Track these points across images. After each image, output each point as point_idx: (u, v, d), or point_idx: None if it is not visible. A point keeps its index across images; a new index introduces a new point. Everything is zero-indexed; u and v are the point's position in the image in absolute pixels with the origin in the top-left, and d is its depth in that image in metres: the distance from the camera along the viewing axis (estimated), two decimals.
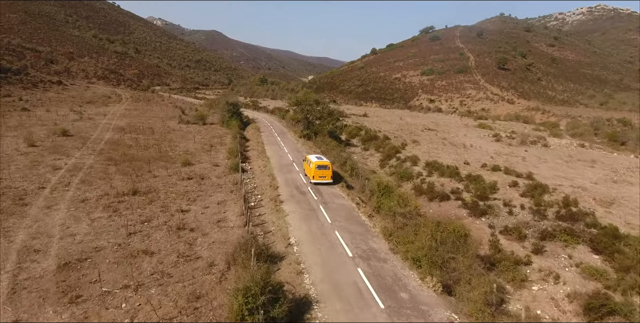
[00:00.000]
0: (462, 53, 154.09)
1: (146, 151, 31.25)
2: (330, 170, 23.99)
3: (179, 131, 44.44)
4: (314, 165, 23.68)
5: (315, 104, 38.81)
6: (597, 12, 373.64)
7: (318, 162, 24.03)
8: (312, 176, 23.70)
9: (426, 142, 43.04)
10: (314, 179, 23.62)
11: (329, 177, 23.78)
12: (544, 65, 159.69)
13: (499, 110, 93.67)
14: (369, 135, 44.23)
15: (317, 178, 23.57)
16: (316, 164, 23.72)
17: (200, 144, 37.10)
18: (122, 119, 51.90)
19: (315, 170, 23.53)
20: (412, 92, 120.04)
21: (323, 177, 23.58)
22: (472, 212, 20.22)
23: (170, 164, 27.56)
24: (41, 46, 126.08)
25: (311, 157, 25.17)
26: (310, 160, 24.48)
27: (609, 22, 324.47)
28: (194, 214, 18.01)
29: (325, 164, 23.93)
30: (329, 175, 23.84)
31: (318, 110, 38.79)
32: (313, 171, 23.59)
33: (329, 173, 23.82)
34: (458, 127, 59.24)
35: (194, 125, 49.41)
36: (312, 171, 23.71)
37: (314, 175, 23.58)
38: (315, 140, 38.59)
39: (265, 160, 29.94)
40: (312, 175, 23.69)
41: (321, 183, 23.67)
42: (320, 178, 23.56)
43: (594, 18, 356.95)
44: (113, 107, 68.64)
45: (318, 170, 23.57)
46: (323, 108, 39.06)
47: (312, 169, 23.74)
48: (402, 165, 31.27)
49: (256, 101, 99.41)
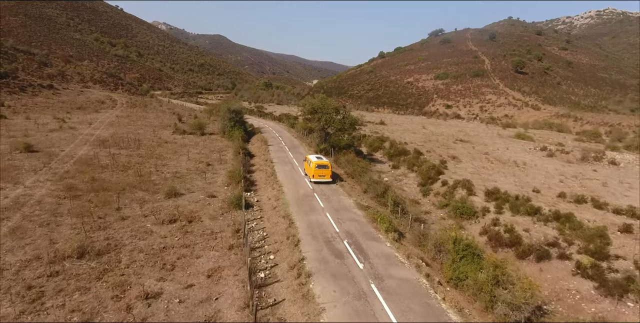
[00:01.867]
0: (476, 56, 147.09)
1: (123, 174, 24.35)
2: (330, 169, 24.89)
3: (171, 143, 37.63)
4: (314, 165, 24.59)
5: (334, 113, 31.85)
6: (606, 15, 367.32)
7: (318, 161, 24.91)
8: (312, 175, 24.66)
9: (466, 157, 35.84)
10: (314, 178, 24.55)
11: (328, 176, 24.80)
12: (561, 69, 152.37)
13: (524, 117, 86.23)
14: (397, 149, 37.11)
15: (316, 177, 24.57)
16: (316, 164, 24.62)
17: (194, 161, 30.20)
18: (108, 128, 45.26)
19: (315, 170, 24.47)
20: (426, 97, 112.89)
21: (322, 176, 24.65)
22: (602, 288, 12.93)
23: (151, 195, 20.60)
24: (38, 49, 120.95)
25: (311, 157, 26.09)
26: (311, 160, 25.42)
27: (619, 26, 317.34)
28: (166, 304, 10.89)
29: (324, 164, 24.83)
30: (329, 174, 24.80)
31: (339, 120, 31.79)
32: (313, 170, 24.55)
33: (328, 172, 24.77)
34: (491, 137, 51.98)
35: (191, 136, 42.64)
36: (312, 170, 24.67)
37: (313, 174, 24.54)
38: (337, 157, 31.52)
39: (276, 188, 22.77)
40: (312, 174, 24.64)
41: (321, 182, 24.63)
42: (320, 177, 24.61)
43: (602, 22, 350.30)
44: (104, 113, 62.20)
45: (318, 169, 24.48)
46: (345, 117, 32.13)
47: (312, 169, 24.68)
48: (454, 193, 24.06)
49: (261, 107, 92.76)
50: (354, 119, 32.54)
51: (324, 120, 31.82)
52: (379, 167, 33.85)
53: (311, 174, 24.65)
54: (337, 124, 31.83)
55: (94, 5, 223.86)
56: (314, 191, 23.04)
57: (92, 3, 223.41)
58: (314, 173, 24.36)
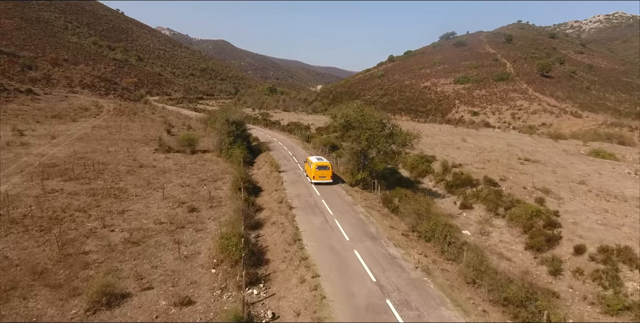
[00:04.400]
0: (496, 59, 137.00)
1: (39, 239, 14.13)
2: (330, 170, 24.67)
3: (148, 168, 27.51)
4: (315, 166, 24.47)
5: (380, 127, 21.45)
6: (616, 19, 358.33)
7: (318, 163, 24.76)
8: (313, 176, 24.46)
9: (561, 190, 25.35)
10: (315, 179, 24.34)
11: (328, 177, 24.54)
12: (584, 73, 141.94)
13: (565, 126, 75.69)
14: (459, 177, 26.68)
15: (317, 178, 24.34)
16: (317, 165, 24.50)
17: (172, 202, 20.03)
18: (73, 144, 35.31)
19: (315, 171, 24.32)
20: (447, 102, 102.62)
21: (323, 177, 24.45)
22: None
23: (60, 304, 10.30)
24: (26, 51, 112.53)
25: (312, 159, 25.88)
26: (311, 161, 25.30)
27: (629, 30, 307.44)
28: None
29: (325, 165, 24.71)
30: (329, 175, 24.58)
31: (384, 138, 21.23)
32: (314, 171, 24.38)
33: (328, 173, 24.58)
34: (557, 154, 41.47)
35: (178, 155, 32.55)
36: (312, 171, 24.51)
37: (314, 175, 24.37)
38: (386, 195, 21.10)
39: (307, 276, 11.72)
40: (313, 175, 24.45)
41: (321, 183, 24.31)
42: (321, 178, 24.38)
43: (612, 26, 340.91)
44: (83, 122, 52.47)
45: (318, 170, 24.34)
46: (394, 134, 21.70)
47: (312, 170, 24.52)
48: (617, 276, 13.59)
49: (266, 114, 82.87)
50: (407, 135, 22.05)
51: (364, 139, 21.36)
52: (440, 205, 23.48)
53: (311, 175, 24.66)
54: (383, 144, 21.44)
55: (93, 9, 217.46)
56: (384, 295, 11.13)
57: (92, 6, 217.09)
58: (314, 174, 24.37)
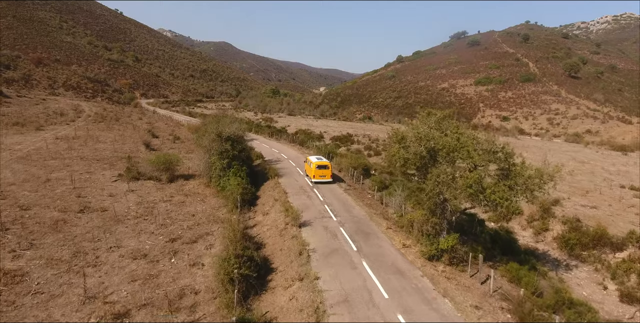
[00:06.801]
0: (517, 58, 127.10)
1: None
2: (330, 169, 24.99)
3: (93, 213, 17.75)
4: (314, 165, 24.75)
5: (486, 159, 11.68)
6: (624, 20, 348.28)
7: (318, 162, 25.02)
8: (313, 175, 24.77)
9: None
10: (315, 178, 24.66)
11: (328, 176, 24.91)
12: (609, 74, 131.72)
13: (615, 133, 65.62)
14: (586, 233, 16.63)
15: (317, 178, 24.67)
16: (316, 164, 24.77)
17: (96, 316, 10.17)
18: (8, 167, 25.50)
19: (315, 170, 24.62)
20: (470, 106, 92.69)
21: (323, 176, 24.75)
22: None
23: None
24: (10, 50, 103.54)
25: (312, 158, 26.19)
26: (311, 161, 25.57)
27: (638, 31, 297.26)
28: None
29: (324, 164, 25.00)
30: (329, 174, 24.91)
31: (504, 186, 11.17)
32: (314, 171, 24.66)
33: (328, 172, 24.90)
34: None
35: (149, 184, 22.81)
36: (312, 171, 24.80)
37: (314, 174, 24.66)
38: (514, 296, 11.20)
39: None
40: (313, 174, 24.75)
41: (321, 182, 24.62)
42: (321, 177, 24.71)
43: (620, 27, 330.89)
44: (47, 132, 42.83)
45: (318, 169, 24.63)
46: (512, 171, 11.96)
47: (312, 169, 24.82)
48: None
49: (270, 119, 73.10)
50: (540, 175, 11.98)
51: (473, 181, 10.95)
52: (572, 284, 13.48)
53: (311, 174, 24.82)
54: (502, 194, 11.23)
55: (91, 8, 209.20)
56: None
57: (90, 6, 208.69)
58: (314, 174, 24.55)
